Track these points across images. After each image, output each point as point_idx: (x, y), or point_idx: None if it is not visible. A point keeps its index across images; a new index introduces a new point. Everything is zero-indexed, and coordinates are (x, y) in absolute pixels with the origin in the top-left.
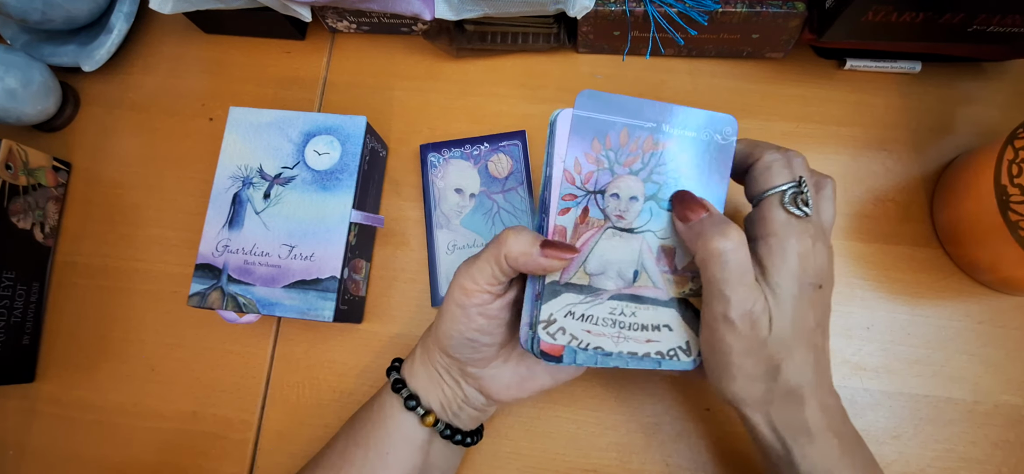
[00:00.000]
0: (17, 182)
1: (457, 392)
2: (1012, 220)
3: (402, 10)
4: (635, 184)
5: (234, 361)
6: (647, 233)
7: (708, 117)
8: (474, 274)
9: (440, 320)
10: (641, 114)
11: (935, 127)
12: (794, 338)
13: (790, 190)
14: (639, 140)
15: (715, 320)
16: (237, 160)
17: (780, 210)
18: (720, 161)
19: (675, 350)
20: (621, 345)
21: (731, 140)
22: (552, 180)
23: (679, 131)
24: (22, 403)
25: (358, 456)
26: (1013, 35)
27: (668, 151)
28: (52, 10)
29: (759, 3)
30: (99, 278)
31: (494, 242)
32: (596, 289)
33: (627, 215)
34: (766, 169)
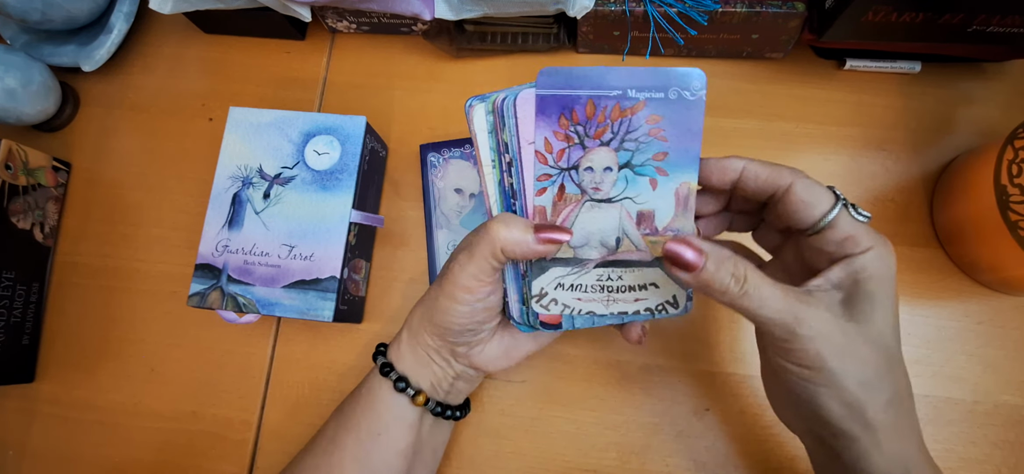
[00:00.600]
0: (17, 182)
1: (447, 371)
2: (1012, 220)
3: (402, 10)
4: (607, 155)
5: (234, 361)
6: (624, 200)
7: (673, 74)
8: (473, 272)
9: (435, 312)
10: (604, 82)
11: (935, 127)
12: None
13: (846, 203)
14: (606, 109)
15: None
16: (237, 160)
17: (856, 223)
18: (691, 118)
19: (663, 304)
20: (611, 307)
21: (700, 95)
22: (521, 163)
23: (645, 94)
24: (22, 403)
25: (349, 440)
26: (1013, 35)
27: (637, 116)
28: (52, 10)
29: (759, 3)
30: (99, 278)
31: (483, 236)
32: (581, 260)
33: (603, 186)
34: (812, 193)
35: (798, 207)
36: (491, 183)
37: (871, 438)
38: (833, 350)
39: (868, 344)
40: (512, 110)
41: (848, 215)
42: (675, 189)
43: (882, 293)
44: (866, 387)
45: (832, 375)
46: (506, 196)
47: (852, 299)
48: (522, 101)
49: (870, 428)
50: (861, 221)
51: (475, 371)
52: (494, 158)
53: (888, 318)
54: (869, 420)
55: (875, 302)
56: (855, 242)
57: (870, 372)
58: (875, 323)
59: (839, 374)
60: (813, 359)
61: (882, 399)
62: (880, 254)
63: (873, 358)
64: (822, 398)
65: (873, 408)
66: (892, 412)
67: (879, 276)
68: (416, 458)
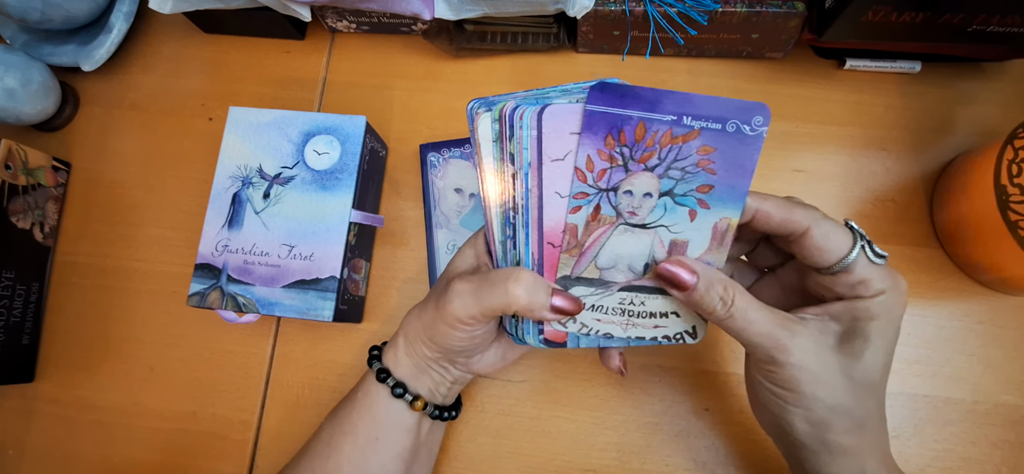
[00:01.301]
0: (17, 182)
1: (445, 377)
2: (1012, 220)
3: (402, 10)
4: (650, 181)
5: (234, 361)
6: (659, 228)
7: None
8: (476, 315)
9: (435, 333)
10: (660, 106)
11: (935, 127)
12: (885, 381)
13: (864, 243)
14: (656, 134)
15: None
16: (237, 160)
17: (871, 266)
18: (746, 154)
19: (681, 333)
20: (629, 331)
21: (761, 131)
22: (541, 178)
23: (701, 123)
24: (21, 403)
25: (346, 443)
26: (1013, 35)
27: (688, 145)
28: (51, 10)
29: (759, 3)
30: (99, 278)
31: (499, 290)
32: (607, 282)
33: (640, 212)
34: (828, 236)
35: (813, 252)
36: (491, 192)
37: (829, 455)
38: (809, 377)
39: (848, 378)
40: (534, 122)
41: (865, 258)
42: (714, 223)
43: (878, 336)
44: (833, 411)
45: (803, 398)
46: (506, 208)
47: (846, 333)
48: (550, 115)
49: (829, 447)
50: (877, 263)
51: (471, 375)
52: (497, 167)
53: (878, 357)
54: (829, 440)
55: (869, 342)
56: (867, 286)
57: (841, 400)
58: (863, 361)
59: (810, 398)
60: (788, 383)
61: (846, 424)
62: (889, 301)
63: (848, 390)
64: (790, 416)
65: (836, 431)
66: (855, 436)
67: (880, 320)
68: (414, 460)
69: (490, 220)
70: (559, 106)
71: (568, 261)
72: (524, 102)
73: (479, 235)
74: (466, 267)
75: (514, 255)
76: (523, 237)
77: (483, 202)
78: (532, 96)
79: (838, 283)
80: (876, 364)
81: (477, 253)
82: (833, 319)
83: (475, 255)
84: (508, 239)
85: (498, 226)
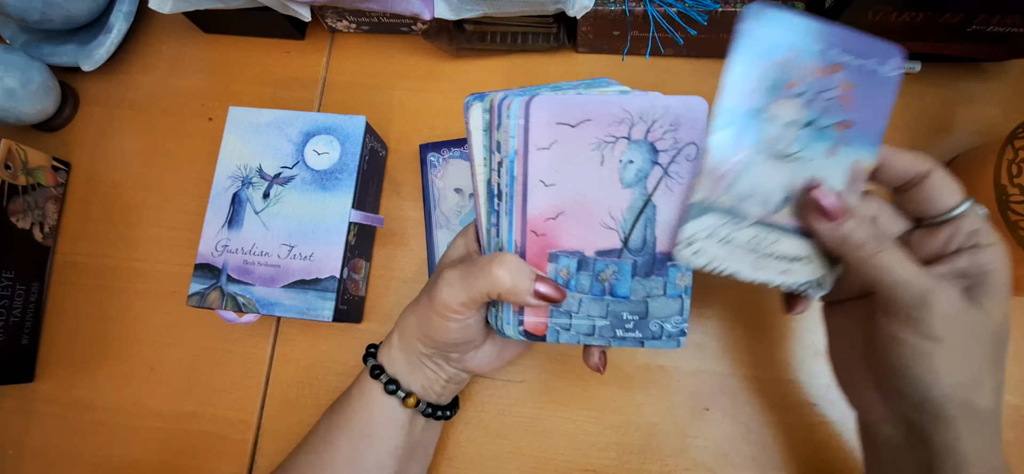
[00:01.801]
0: (16, 182)
1: (440, 374)
2: (1012, 220)
3: (402, 10)
4: (795, 108)
5: (233, 361)
6: (799, 160)
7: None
8: (464, 301)
9: (429, 327)
10: (808, 36)
11: (935, 127)
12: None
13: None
14: (803, 65)
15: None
16: (236, 160)
17: (985, 221)
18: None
19: (809, 283)
20: (757, 272)
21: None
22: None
23: (846, 58)
24: (21, 403)
25: (341, 438)
26: (1013, 35)
27: (832, 78)
28: (51, 10)
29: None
30: (98, 278)
31: (484, 273)
32: (740, 214)
33: (783, 141)
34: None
35: (934, 194)
36: (481, 182)
37: (969, 423)
38: (959, 326)
39: (987, 333)
40: (522, 111)
41: (977, 211)
42: (851, 163)
43: (1003, 288)
44: (980, 369)
45: (953, 349)
46: (491, 195)
47: (975, 288)
48: (538, 105)
49: (974, 411)
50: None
51: (467, 373)
52: (486, 156)
53: (1005, 313)
54: (974, 403)
55: (996, 297)
56: (983, 235)
57: (986, 358)
58: (995, 316)
59: (961, 350)
60: (940, 330)
61: (990, 386)
62: (1004, 252)
63: (990, 346)
64: (938, 371)
65: (982, 391)
66: (996, 401)
67: (1002, 271)
68: (408, 457)
69: (478, 208)
70: (546, 96)
71: (706, 184)
72: (513, 93)
73: (470, 227)
74: (457, 256)
75: (497, 242)
76: (506, 224)
77: (474, 191)
78: (524, 90)
79: (956, 234)
80: (1004, 318)
81: (467, 243)
82: (959, 274)
83: (465, 245)
84: (493, 226)
85: (484, 213)
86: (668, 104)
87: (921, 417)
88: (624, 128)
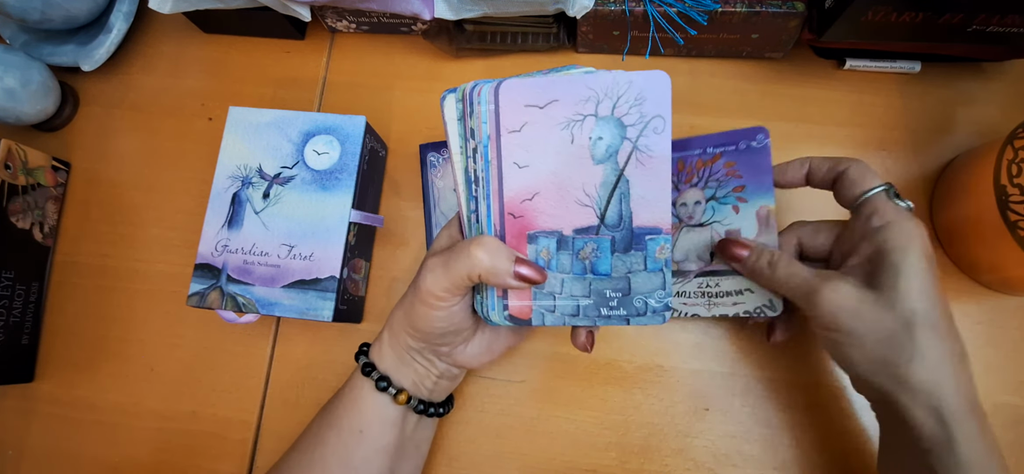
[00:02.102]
0: (16, 182)
1: (430, 370)
2: (1012, 220)
3: (402, 10)
4: (696, 193)
5: (233, 361)
6: (714, 224)
7: (741, 132)
8: (447, 286)
9: (415, 318)
10: (688, 146)
11: (934, 127)
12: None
13: (888, 188)
14: (692, 164)
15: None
16: (236, 160)
17: (890, 202)
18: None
19: (760, 307)
20: (713, 310)
21: (765, 143)
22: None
23: (720, 149)
24: (21, 403)
25: (331, 436)
26: (1013, 35)
27: (716, 165)
28: (51, 10)
29: (759, 3)
30: (98, 278)
31: (463, 256)
32: (684, 272)
33: (695, 215)
34: (861, 175)
35: (847, 185)
36: (458, 169)
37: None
38: (847, 313)
39: (887, 309)
40: (491, 97)
41: (884, 196)
42: (755, 211)
43: (906, 263)
44: (887, 345)
45: (850, 335)
46: (469, 182)
47: (877, 269)
48: (506, 89)
49: (903, 384)
50: (901, 205)
51: (458, 369)
52: (461, 144)
53: (913, 284)
54: (900, 377)
55: (899, 272)
56: (880, 215)
57: (889, 330)
58: (898, 290)
59: (855, 333)
60: (831, 322)
61: (904, 356)
62: (904, 228)
63: (890, 319)
64: (847, 352)
65: (899, 364)
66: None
67: (901, 246)
68: (399, 455)
69: (459, 196)
70: (514, 80)
71: None
72: (484, 82)
73: (454, 218)
74: (442, 247)
75: (477, 228)
76: (484, 209)
77: (454, 181)
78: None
79: (860, 221)
80: (913, 291)
81: (451, 234)
82: (865, 260)
83: (449, 237)
84: (472, 213)
85: (464, 200)
86: (631, 79)
87: (873, 395)
88: (591, 106)
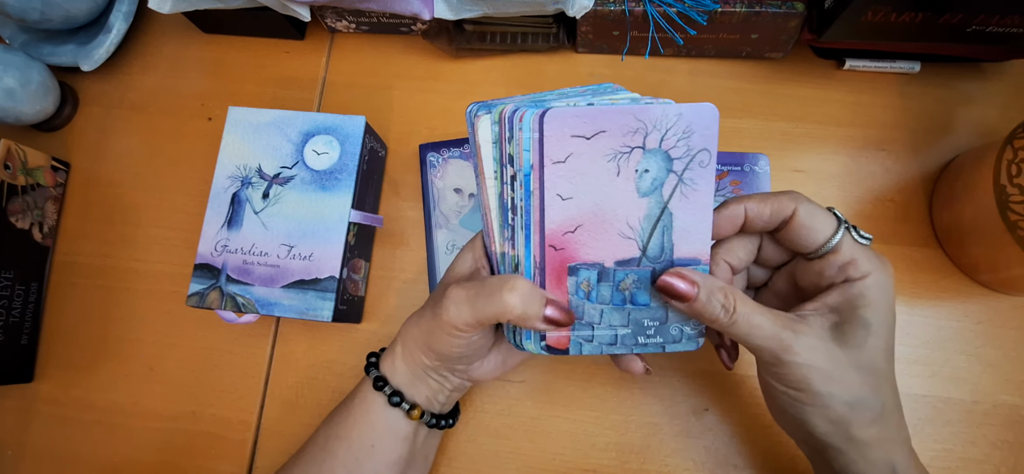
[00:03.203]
0: (16, 182)
1: (444, 385)
2: (1011, 220)
3: (401, 10)
4: None
5: (233, 361)
6: None
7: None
8: (471, 322)
9: (434, 341)
10: None
11: (934, 127)
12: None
13: (848, 226)
14: None
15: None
16: (236, 160)
17: (857, 246)
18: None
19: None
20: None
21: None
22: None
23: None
24: (20, 403)
25: (341, 449)
26: (1012, 35)
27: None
28: (51, 9)
29: (758, 3)
30: (98, 278)
31: (495, 298)
32: None
33: None
34: (813, 217)
35: (801, 233)
36: (492, 195)
37: (856, 450)
38: (820, 375)
39: (857, 369)
40: (536, 125)
41: (850, 239)
42: None
43: (877, 320)
44: (852, 407)
45: (818, 397)
46: (505, 210)
47: (846, 324)
48: (552, 118)
49: (854, 442)
50: (863, 244)
51: (471, 382)
52: (496, 169)
53: (880, 343)
54: (853, 436)
55: (870, 329)
56: (855, 267)
57: (857, 394)
58: (867, 349)
59: (825, 396)
60: (800, 382)
61: (867, 416)
62: (879, 281)
63: (860, 381)
64: (809, 416)
65: (858, 425)
66: (878, 427)
67: (876, 303)
68: (408, 468)
69: (490, 223)
70: (560, 110)
71: None
72: (523, 105)
73: (478, 239)
74: (464, 271)
75: (513, 257)
76: (522, 239)
77: (483, 206)
78: (530, 99)
79: (827, 268)
80: (879, 350)
81: (475, 257)
82: (831, 310)
83: (474, 259)
84: (507, 241)
85: (498, 228)
86: (681, 112)
87: (814, 446)
88: (639, 138)
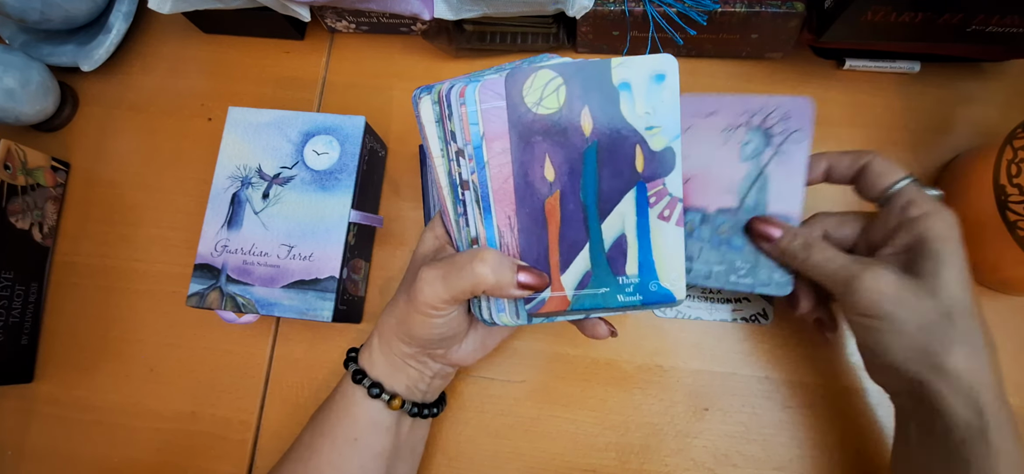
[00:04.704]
0: (16, 182)
1: (424, 372)
2: (1011, 220)
3: (401, 10)
4: None
5: (233, 361)
6: None
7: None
8: (446, 298)
9: (411, 326)
10: None
11: (934, 127)
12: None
13: (915, 179)
14: None
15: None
16: (236, 160)
17: (920, 192)
18: None
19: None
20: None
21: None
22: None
23: None
24: (20, 403)
25: (325, 445)
26: (1012, 35)
27: None
28: (51, 10)
29: (758, 3)
30: (98, 278)
31: (466, 270)
32: None
33: None
34: (886, 167)
35: (872, 178)
36: (442, 173)
37: (944, 381)
38: (888, 298)
39: (929, 296)
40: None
41: (914, 185)
42: None
43: (947, 252)
44: (928, 332)
45: (889, 319)
46: (454, 186)
47: (917, 259)
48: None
49: (941, 372)
50: (931, 194)
51: (452, 367)
52: (442, 148)
53: (953, 274)
54: (938, 364)
55: (940, 260)
56: (917, 206)
57: (930, 317)
58: (941, 278)
59: (897, 319)
60: (870, 307)
61: (948, 344)
62: (943, 217)
63: (933, 308)
64: (888, 343)
65: (939, 353)
66: (964, 357)
67: (943, 236)
68: (395, 459)
69: (443, 201)
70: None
71: None
72: (460, 81)
73: (436, 219)
74: (428, 251)
75: (468, 232)
76: (476, 213)
77: (435, 185)
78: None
79: (893, 211)
80: (954, 279)
81: (436, 236)
82: (902, 249)
83: (434, 238)
84: (461, 217)
85: (450, 205)
86: (780, 101)
87: (905, 386)
88: (745, 118)
